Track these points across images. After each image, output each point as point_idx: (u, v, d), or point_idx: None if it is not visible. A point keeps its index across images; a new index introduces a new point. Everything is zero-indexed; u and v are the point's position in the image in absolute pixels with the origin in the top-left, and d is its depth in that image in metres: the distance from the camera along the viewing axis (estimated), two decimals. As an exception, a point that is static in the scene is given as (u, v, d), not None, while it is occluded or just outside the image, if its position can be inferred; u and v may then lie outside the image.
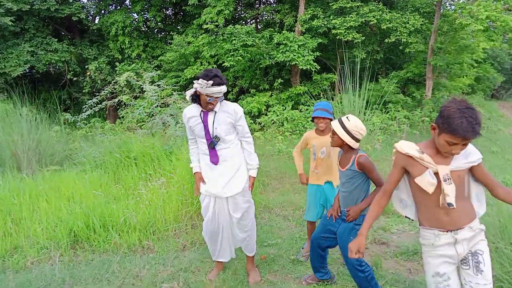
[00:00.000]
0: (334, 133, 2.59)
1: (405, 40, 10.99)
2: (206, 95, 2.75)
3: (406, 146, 1.98)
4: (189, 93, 2.89)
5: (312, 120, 3.28)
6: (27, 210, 4.19)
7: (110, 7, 15.00)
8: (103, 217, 3.98)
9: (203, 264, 3.42)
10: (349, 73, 8.32)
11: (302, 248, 3.58)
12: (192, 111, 2.94)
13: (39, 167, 5.90)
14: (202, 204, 3.07)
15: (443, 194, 1.87)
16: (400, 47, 12.44)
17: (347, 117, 2.57)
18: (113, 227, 3.94)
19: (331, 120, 3.18)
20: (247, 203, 3.02)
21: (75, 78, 13.55)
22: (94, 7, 14.62)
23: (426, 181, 1.89)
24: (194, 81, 2.83)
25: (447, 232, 1.94)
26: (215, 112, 2.89)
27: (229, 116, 2.90)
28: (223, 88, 2.79)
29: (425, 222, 2.03)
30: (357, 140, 2.55)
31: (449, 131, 1.78)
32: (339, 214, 2.71)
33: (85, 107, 7.12)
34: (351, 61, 8.89)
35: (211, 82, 2.70)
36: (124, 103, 8.83)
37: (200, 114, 2.90)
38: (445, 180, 1.86)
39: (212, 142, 2.89)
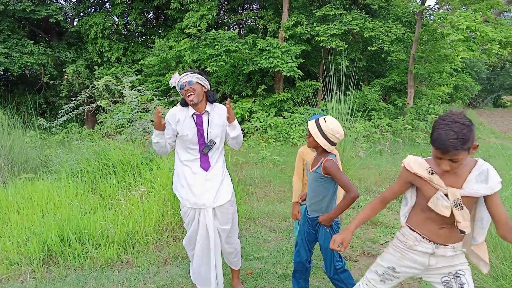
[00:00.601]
0: (309, 133, 2.46)
1: (387, 48, 11.09)
2: (181, 87, 2.65)
3: (415, 164, 1.86)
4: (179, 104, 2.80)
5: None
6: (-4, 223, 3.92)
7: (89, 9, 14.63)
8: (78, 230, 3.75)
9: (186, 280, 3.24)
10: (333, 80, 8.30)
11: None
12: (183, 113, 2.73)
13: (11, 175, 5.58)
14: (185, 218, 2.83)
15: (455, 220, 1.75)
16: (382, 55, 12.57)
17: (324, 118, 2.42)
18: (90, 240, 3.71)
19: None
20: (233, 206, 2.85)
21: (51, 82, 13.11)
22: (72, 9, 14.21)
23: (440, 205, 1.76)
24: (171, 85, 2.75)
25: (429, 242, 1.88)
26: (209, 113, 2.72)
27: (221, 116, 2.76)
28: (195, 75, 2.68)
29: (414, 225, 1.94)
30: (333, 144, 2.40)
31: (430, 142, 1.71)
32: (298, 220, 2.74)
33: (61, 112, 6.82)
34: (334, 69, 8.87)
35: (177, 74, 2.68)
36: (103, 108, 8.56)
37: (193, 117, 2.71)
38: (456, 206, 1.72)
39: (207, 147, 2.70)
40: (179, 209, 4.16)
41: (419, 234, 1.90)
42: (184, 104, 2.74)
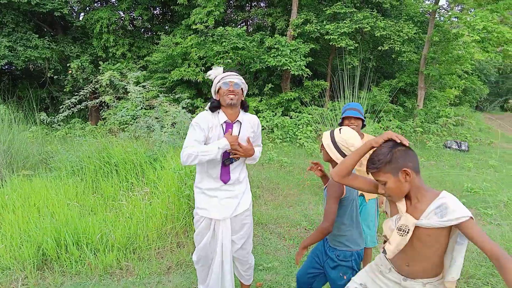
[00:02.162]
0: (322, 145, 2.20)
1: (398, 48, 10.81)
2: (224, 85, 2.39)
3: None
4: (208, 104, 2.48)
5: (341, 124, 2.91)
6: (-11, 223, 3.70)
7: (95, 3, 14.41)
8: (76, 233, 3.52)
9: (190, 291, 3.00)
10: (342, 80, 8.04)
11: None
12: (213, 120, 2.44)
13: (9, 171, 5.36)
14: (196, 227, 2.57)
15: (387, 240, 1.71)
16: (393, 56, 12.28)
17: (339, 129, 2.14)
18: (88, 245, 3.47)
19: (363, 121, 2.88)
20: (250, 217, 2.62)
21: (56, 76, 12.91)
22: (78, 3, 14.00)
23: (388, 226, 1.76)
24: (209, 76, 2.51)
25: (398, 273, 1.81)
26: (240, 124, 2.48)
27: (251, 127, 2.53)
28: (241, 79, 2.45)
29: (389, 253, 1.81)
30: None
31: None
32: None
33: (63, 107, 6.60)
34: (342, 69, 8.61)
35: (221, 69, 2.43)
36: (107, 104, 8.34)
37: (222, 125, 2.44)
38: (399, 230, 1.67)
39: (229, 159, 2.44)
40: (184, 213, 3.94)
41: (390, 263, 1.85)
42: (214, 108, 2.46)
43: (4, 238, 3.47)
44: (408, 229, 1.63)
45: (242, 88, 2.46)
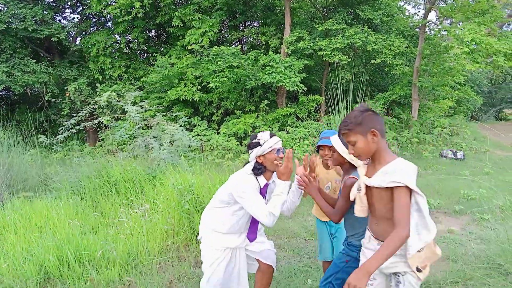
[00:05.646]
0: (333, 150, 2.28)
1: (390, 62, 11.02)
2: (276, 151, 2.41)
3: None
4: (249, 166, 2.50)
5: (317, 151, 2.90)
6: (-9, 244, 3.72)
7: (91, 28, 14.69)
8: (78, 250, 3.55)
9: (193, 304, 3.02)
10: (336, 94, 8.18)
11: None
12: (256, 183, 2.48)
13: (9, 194, 5.40)
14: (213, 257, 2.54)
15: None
16: (386, 69, 12.51)
17: None
18: (90, 261, 3.50)
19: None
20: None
21: (53, 100, 13.04)
22: (75, 27, 14.27)
23: (352, 191, 1.99)
24: (252, 149, 2.47)
25: (375, 239, 1.93)
26: (273, 181, 2.56)
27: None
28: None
29: (368, 224, 2.04)
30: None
31: None
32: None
33: (62, 129, 6.69)
34: (336, 83, 8.78)
35: (267, 134, 2.44)
36: (105, 125, 8.43)
37: (260, 187, 2.49)
38: (358, 189, 1.93)
39: None
40: (185, 227, 3.98)
41: (370, 231, 1.98)
42: (259, 173, 2.47)
43: (7, 257, 3.50)
44: (360, 187, 1.87)
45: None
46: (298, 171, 2.37)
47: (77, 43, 14.51)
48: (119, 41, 13.59)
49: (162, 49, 14.61)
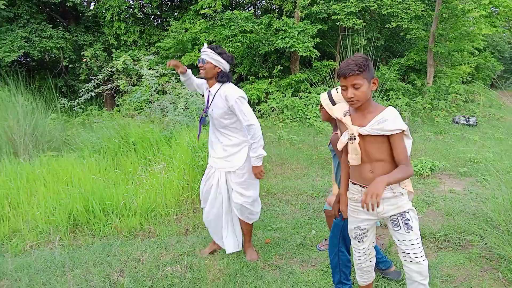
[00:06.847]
0: (321, 106, 2.44)
1: (406, 26, 10.85)
2: (198, 61, 2.92)
3: (336, 110, 2.11)
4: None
5: None
6: (24, 194, 4.08)
7: (105, -8, 14.69)
8: (102, 201, 3.89)
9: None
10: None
11: (325, 240, 3.34)
12: (205, 83, 3.02)
13: (36, 152, 5.76)
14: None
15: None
16: (401, 34, 12.30)
17: (336, 89, 2.32)
18: (113, 211, 3.84)
19: None
20: (244, 169, 2.94)
21: (70, 65, 13.31)
22: (89, -8, 14.32)
23: (339, 141, 2.03)
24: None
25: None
26: (214, 94, 2.88)
27: (221, 101, 2.82)
28: (211, 54, 2.80)
29: (352, 177, 2.11)
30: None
31: (337, 77, 2.00)
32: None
33: (82, 91, 6.98)
34: (351, 49, 8.75)
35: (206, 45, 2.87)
36: (121, 91, 8.68)
37: (208, 90, 2.97)
38: (350, 139, 1.96)
39: (203, 119, 2.98)
40: (199, 182, 4.27)
41: (359, 185, 2.05)
42: (202, 79, 3.07)
43: (39, 206, 3.86)
44: (355, 136, 1.93)
45: (212, 63, 2.81)
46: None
47: (91, 8, 14.57)
48: (132, 6, 13.61)
49: (176, 14, 14.58)
